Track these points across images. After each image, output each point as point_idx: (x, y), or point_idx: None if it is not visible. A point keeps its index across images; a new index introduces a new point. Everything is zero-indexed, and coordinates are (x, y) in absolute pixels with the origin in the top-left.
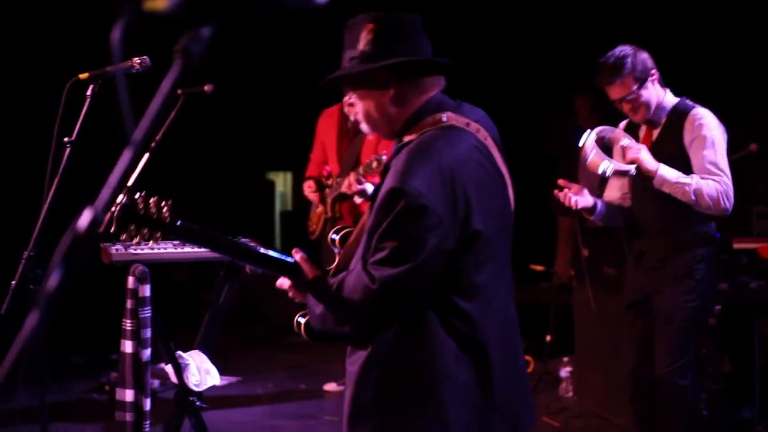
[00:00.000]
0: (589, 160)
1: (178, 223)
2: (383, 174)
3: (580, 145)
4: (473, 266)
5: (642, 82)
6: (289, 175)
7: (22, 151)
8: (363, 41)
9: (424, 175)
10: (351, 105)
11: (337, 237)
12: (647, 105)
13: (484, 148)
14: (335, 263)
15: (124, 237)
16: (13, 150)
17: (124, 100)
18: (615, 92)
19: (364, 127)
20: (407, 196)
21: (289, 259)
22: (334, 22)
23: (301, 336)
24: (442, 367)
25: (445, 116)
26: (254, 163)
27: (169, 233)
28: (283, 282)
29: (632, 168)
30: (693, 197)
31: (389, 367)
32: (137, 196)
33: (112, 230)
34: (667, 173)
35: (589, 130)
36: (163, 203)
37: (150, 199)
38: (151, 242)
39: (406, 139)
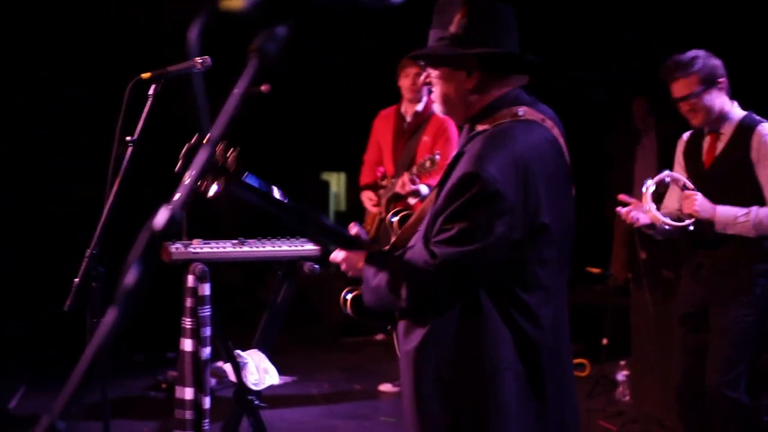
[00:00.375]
0: (650, 216)
1: (246, 176)
2: (455, 161)
3: (643, 190)
4: (537, 261)
5: (707, 85)
6: (342, 176)
7: (22, 151)
8: (455, 23)
9: (500, 162)
10: (427, 83)
11: (395, 219)
12: (708, 110)
13: (557, 145)
14: (391, 242)
15: (185, 177)
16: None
17: (201, 99)
18: (677, 89)
19: (437, 107)
20: (482, 181)
21: (350, 234)
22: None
23: (347, 312)
24: (501, 357)
25: (522, 110)
26: (309, 163)
27: (233, 182)
28: (337, 255)
29: (690, 221)
30: (755, 232)
31: (449, 351)
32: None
33: (176, 169)
34: (725, 216)
35: (648, 180)
36: (230, 151)
37: (230, 150)
38: (213, 186)
39: (480, 128)
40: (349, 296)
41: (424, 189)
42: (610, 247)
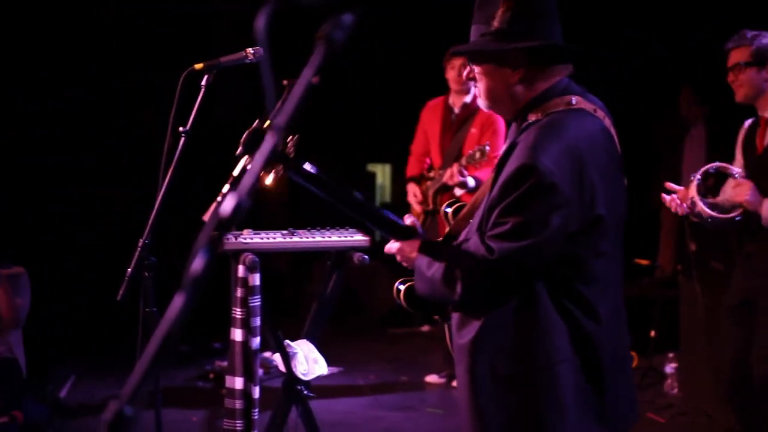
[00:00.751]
0: (697, 209)
1: (304, 164)
2: (509, 151)
3: (691, 178)
4: (593, 253)
5: (756, 62)
6: (387, 168)
7: (22, 151)
8: (499, 18)
9: (555, 154)
10: (470, 78)
11: (450, 210)
12: (749, 85)
13: (610, 136)
14: (445, 233)
15: (246, 162)
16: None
17: (269, 88)
18: (731, 58)
19: (482, 102)
20: (538, 173)
21: (404, 224)
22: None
23: (399, 303)
24: (557, 350)
25: (575, 99)
26: (355, 155)
27: (291, 168)
28: (392, 246)
29: (737, 213)
30: None
31: (504, 345)
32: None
33: (237, 153)
34: None
35: (694, 175)
36: (289, 138)
37: (291, 137)
38: (270, 174)
39: (532, 118)
40: (402, 287)
41: (471, 181)
42: (658, 238)
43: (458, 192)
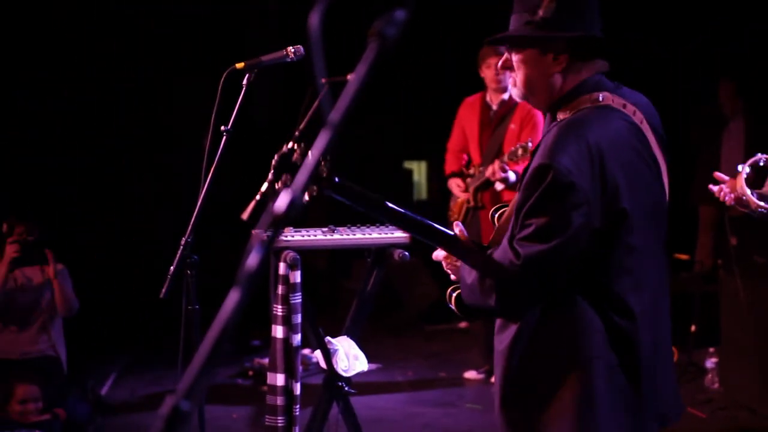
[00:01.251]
0: (744, 199)
1: (336, 179)
2: (534, 154)
3: (738, 171)
4: (623, 248)
5: None
6: (423, 165)
7: (22, 151)
8: (544, 7)
9: (573, 153)
10: (506, 67)
11: (496, 215)
12: None
13: (638, 132)
14: (491, 239)
15: (278, 186)
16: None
17: (321, 87)
18: None
19: (515, 92)
20: (555, 172)
21: (449, 232)
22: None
23: (452, 309)
24: (590, 347)
25: (602, 96)
26: (392, 152)
27: (325, 187)
28: (439, 254)
29: None
30: None
31: (536, 344)
32: (295, 146)
33: (268, 180)
34: None
35: (743, 166)
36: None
37: (309, 150)
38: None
39: (560, 116)
40: (454, 294)
41: (512, 176)
42: (696, 233)
43: (499, 187)
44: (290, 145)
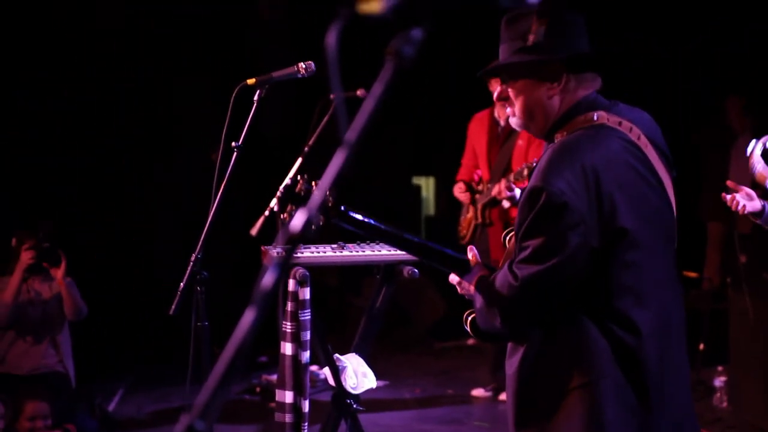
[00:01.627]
0: (756, 172)
1: (342, 207)
2: (530, 176)
3: (747, 154)
4: (621, 265)
5: None
6: (431, 181)
7: (22, 151)
8: (534, 32)
9: (566, 175)
10: (503, 98)
11: (507, 238)
12: None
13: (635, 149)
14: (501, 262)
15: (284, 216)
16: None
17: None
18: None
19: (514, 121)
20: (548, 194)
21: (460, 256)
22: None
23: (469, 333)
24: (597, 366)
25: (597, 115)
26: (400, 168)
27: (332, 217)
28: (453, 279)
29: None
30: None
31: (543, 366)
32: (299, 177)
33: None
34: None
35: (755, 140)
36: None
37: (313, 181)
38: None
39: (558, 137)
40: (470, 318)
41: (519, 194)
42: (702, 250)
43: (506, 205)
44: (293, 176)
